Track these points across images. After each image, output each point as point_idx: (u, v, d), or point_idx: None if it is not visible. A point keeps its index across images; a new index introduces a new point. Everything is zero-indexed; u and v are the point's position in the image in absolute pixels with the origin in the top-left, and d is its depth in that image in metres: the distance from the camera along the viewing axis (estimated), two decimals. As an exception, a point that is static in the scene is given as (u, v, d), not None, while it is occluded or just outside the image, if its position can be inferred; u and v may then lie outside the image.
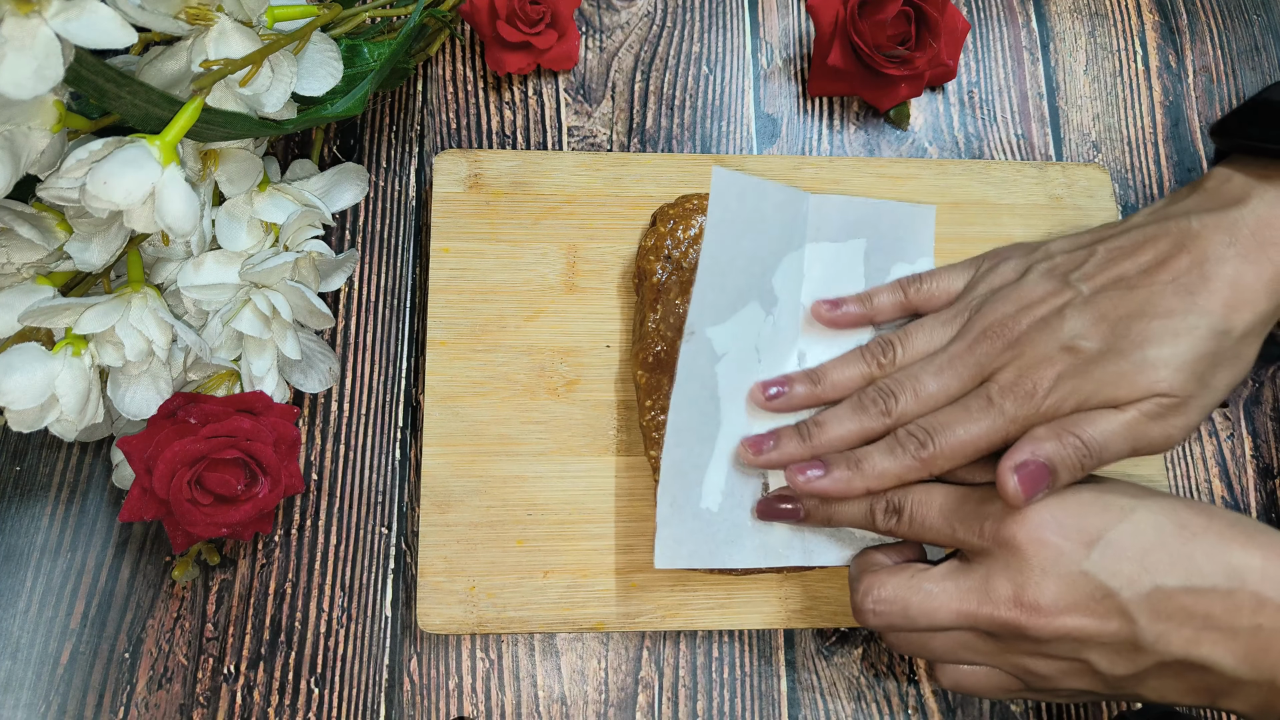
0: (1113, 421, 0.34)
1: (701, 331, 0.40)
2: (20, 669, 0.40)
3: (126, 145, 0.33)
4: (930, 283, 0.41)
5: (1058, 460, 0.34)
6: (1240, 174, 0.37)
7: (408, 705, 0.41)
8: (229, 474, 0.37)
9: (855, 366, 0.40)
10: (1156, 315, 0.34)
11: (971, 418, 0.36)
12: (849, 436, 0.38)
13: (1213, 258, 0.35)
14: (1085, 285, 0.36)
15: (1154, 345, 0.34)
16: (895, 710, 0.42)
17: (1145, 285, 0.35)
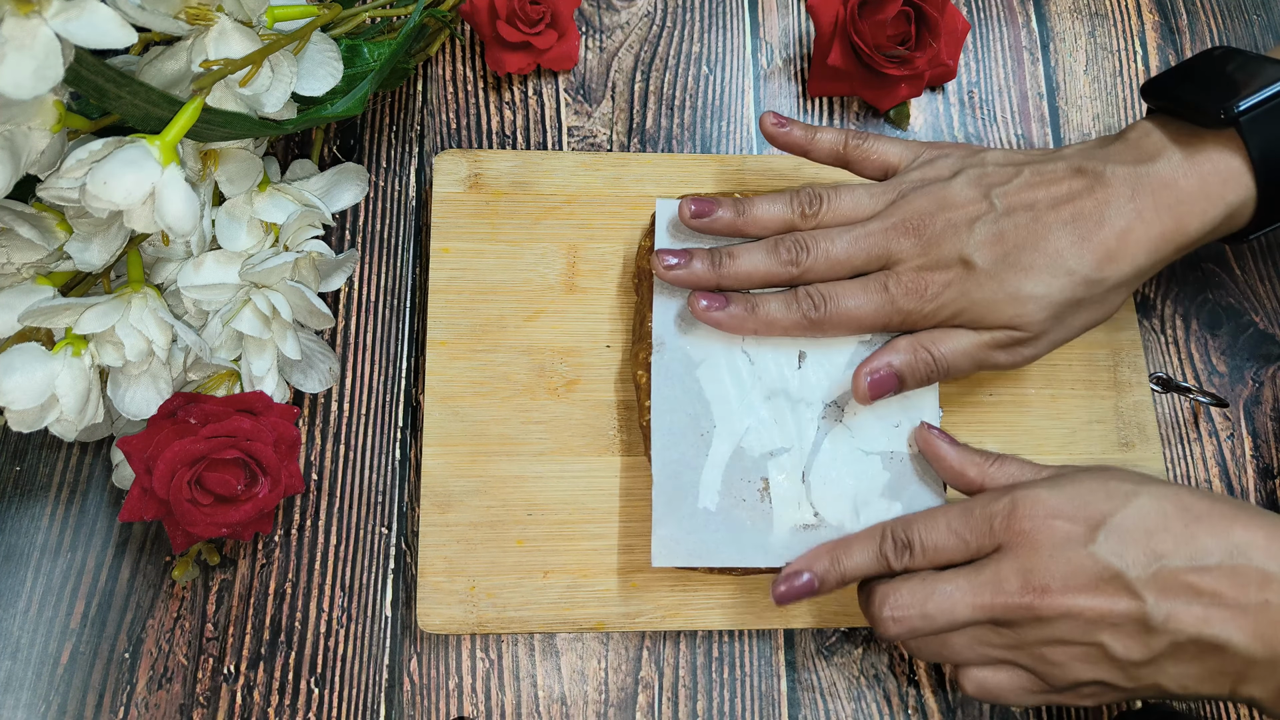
0: (965, 341, 0.39)
1: (672, 341, 0.41)
2: (20, 669, 0.40)
3: (126, 145, 0.33)
4: (871, 144, 0.42)
5: (907, 371, 0.39)
6: (1159, 131, 0.39)
7: (408, 705, 0.41)
8: (229, 474, 0.37)
9: (780, 206, 0.41)
10: (1044, 251, 0.38)
11: (866, 297, 0.39)
12: (755, 274, 0.40)
13: (1112, 208, 0.38)
14: (1000, 202, 0.39)
15: (1030, 280, 0.38)
16: (895, 710, 0.42)
17: (1046, 218, 0.38)
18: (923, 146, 0.43)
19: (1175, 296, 0.49)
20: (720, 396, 0.41)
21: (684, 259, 0.40)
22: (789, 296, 0.40)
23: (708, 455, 0.40)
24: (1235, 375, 0.48)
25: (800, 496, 0.40)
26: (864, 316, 0.39)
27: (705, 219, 0.41)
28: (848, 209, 0.41)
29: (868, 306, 0.39)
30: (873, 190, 0.41)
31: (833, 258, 0.39)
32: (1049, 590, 0.34)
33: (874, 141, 0.42)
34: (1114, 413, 0.45)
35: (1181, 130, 0.39)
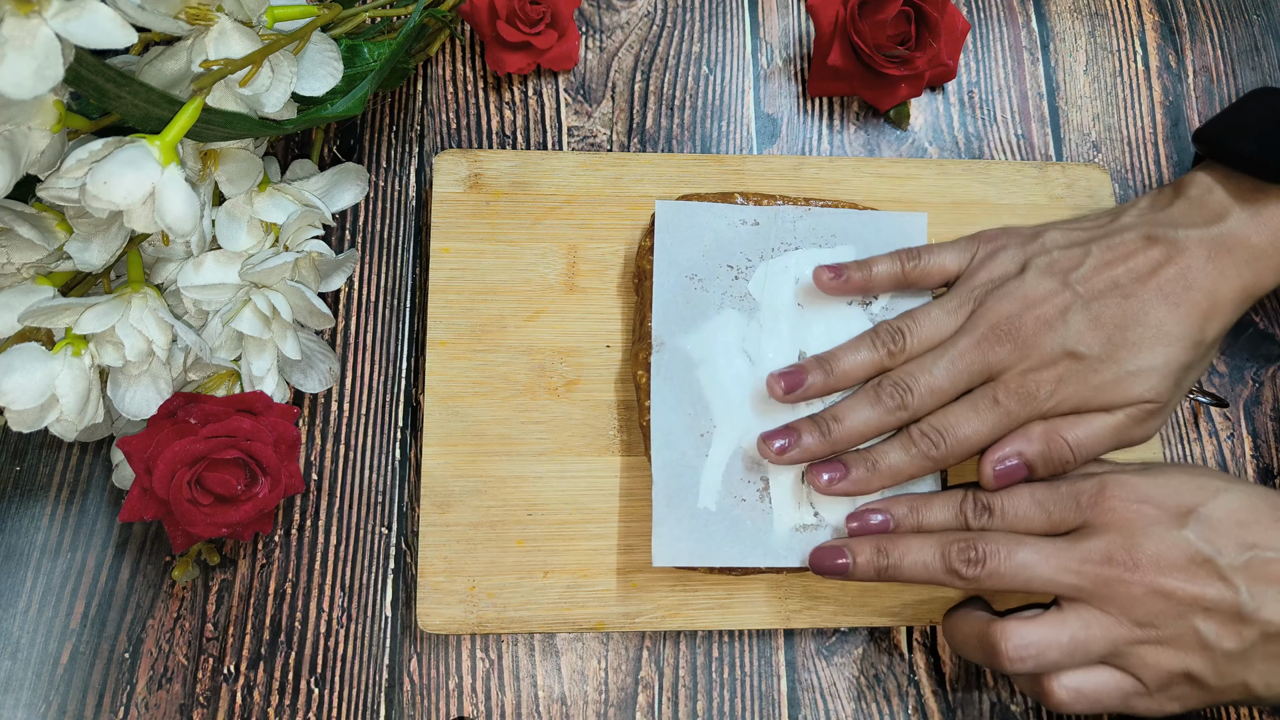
0: (1102, 425, 0.38)
1: (672, 341, 0.41)
2: (20, 669, 0.40)
3: (126, 145, 0.33)
4: (927, 258, 0.42)
5: (1040, 461, 0.38)
6: (1219, 187, 0.40)
7: (408, 705, 0.41)
8: (229, 474, 0.37)
9: (865, 353, 0.40)
10: (1147, 325, 0.38)
11: (980, 418, 0.38)
12: (866, 431, 0.39)
13: (1195, 271, 0.39)
14: (1083, 287, 0.39)
15: (1146, 354, 0.38)
16: (895, 710, 0.42)
17: (1137, 294, 0.38)
18: (974, 242, 0.42)
19: (1175, 296, 0.49)
20: (720, 396, 0.41)
21: (792, 438, 0.39)
22: (905, 440, 0.39)
23: (708, 455, 0.40)
24: (1235, 375, 0.48)
25: (800, 497, 0.40)
26: (984, 437, 0.38)
27: (798, 392, 0.40)
28: (929, 333, 0.40)
29: (985, 427, 0.38)
30: (946, 305, 0.40)
31: (936, 389, 0.39)
32: (1139, 566, 0.34)
33: (928, 255, 0.42)
34: (1114, 413, 0.45)
35: (1243, 184, 0.40)
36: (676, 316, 0.42)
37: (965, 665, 0.43)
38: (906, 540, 0.37)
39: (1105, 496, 0.36)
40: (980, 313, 0.39)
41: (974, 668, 0.43)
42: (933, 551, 0.37)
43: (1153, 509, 0.35)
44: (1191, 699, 0.35)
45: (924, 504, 0.39)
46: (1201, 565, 0.34)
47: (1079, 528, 0.36)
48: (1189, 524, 0.35)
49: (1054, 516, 0.37)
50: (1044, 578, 0.35)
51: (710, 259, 0.43)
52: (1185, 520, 0.35)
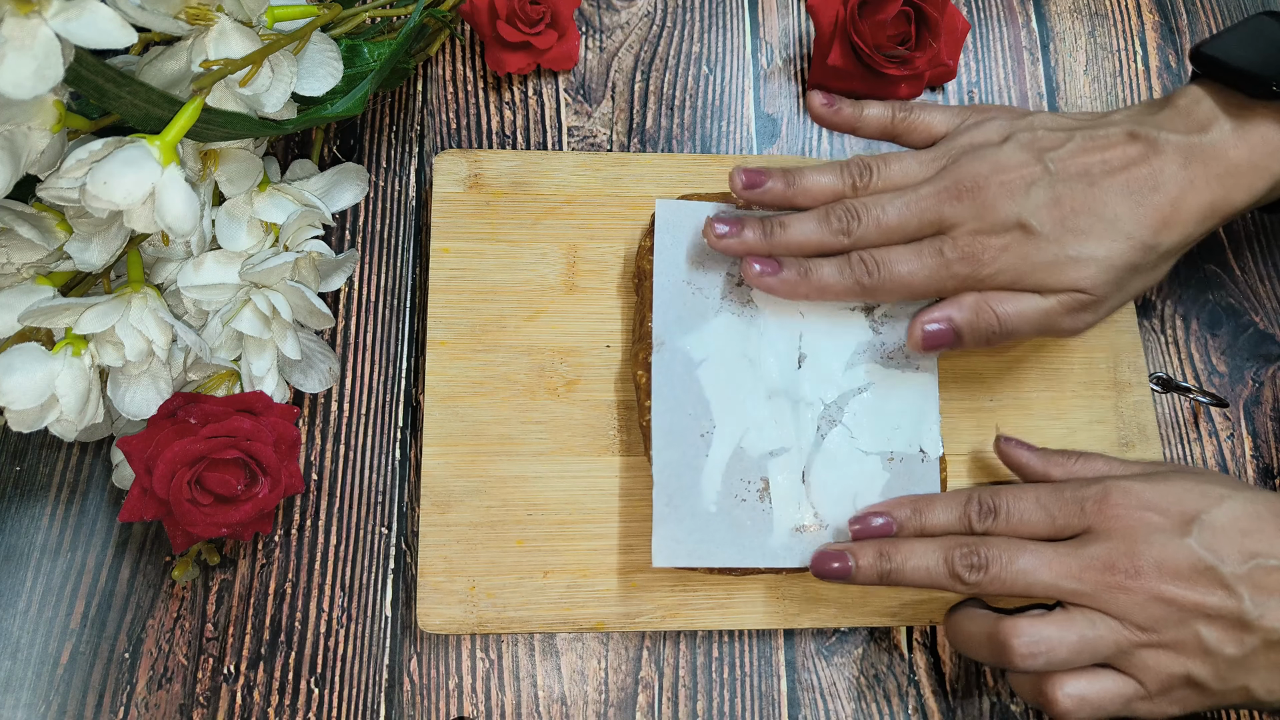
0: (1033, 306, 0.38)
1: (672, 342, 0.41)
2: (20, 669, 0.40)
3: (126, 145, 0.33)
4: (918, 114, 0.43)
5: (967, 329, 0.39)
6: (1209, 99, 0.40)
7: (408, 705, 0.41)
8: (229, 474, 0.37)
9: (830, 176, 0.41)
10: (1102, 215, 0.38)
11: (920, 261, 0.39)
12: (807, 243, 0.40)
13: (1166, 175, 0.38)
14: (1055, 166, 0.39)
15: (1091, 243, 0.38)
16: (895, 710, 0.42)
17: (1102, 183, 0.38)
18: (968, 111, 0.43)
19: (1175, 296, 0.49)
20: (720, 396, 0.41)
21: (735, 227, 0.40)
22: (842, 261, 0.39)
23: (708, 455, 0.40)
24: (1235, 375, 0.48)
25: (800, 497, 0.40)
26: (917, 282, 0.39)
27: (756, 190, 0.40)
28: (898, 176, 0.41)
29: (921, 272, 0.39)
30: (922, 157, 0.41)
31: (885, 224, 0.39)
32: (1141, 573, 0.34)
33: (920, 112, 0.43)
34: (1114, 413, 0.45)
35: (1232, 100, 0.39)
36: (676, 316, 0.42)
37: (965, 665, 0.43)
38: (909, 544, 0.37)
39: (1109, 503, 0.36)
40: (949, 168, 0.40)
41: (974, 668, 0.43)
42: (935, 556, 0.37)
43: (1156, 515, 0.35)
44: (1192, 702, 0.35)
45: (927, 506, 0.39)
46: (1204, 573, 0.34)
47: (1082, 532, 0.36)
48: (1192, 531, 0.35)
49: (1058, 521, 0.37)
50: (1046, 583, 0.35)
51: (710, 259, 0.43)
52: (1188, 527, 0.35)
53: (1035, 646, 0.35)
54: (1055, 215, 0.38)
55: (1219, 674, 0.34)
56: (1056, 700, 0.35)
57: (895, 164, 0.41)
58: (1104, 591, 0.35)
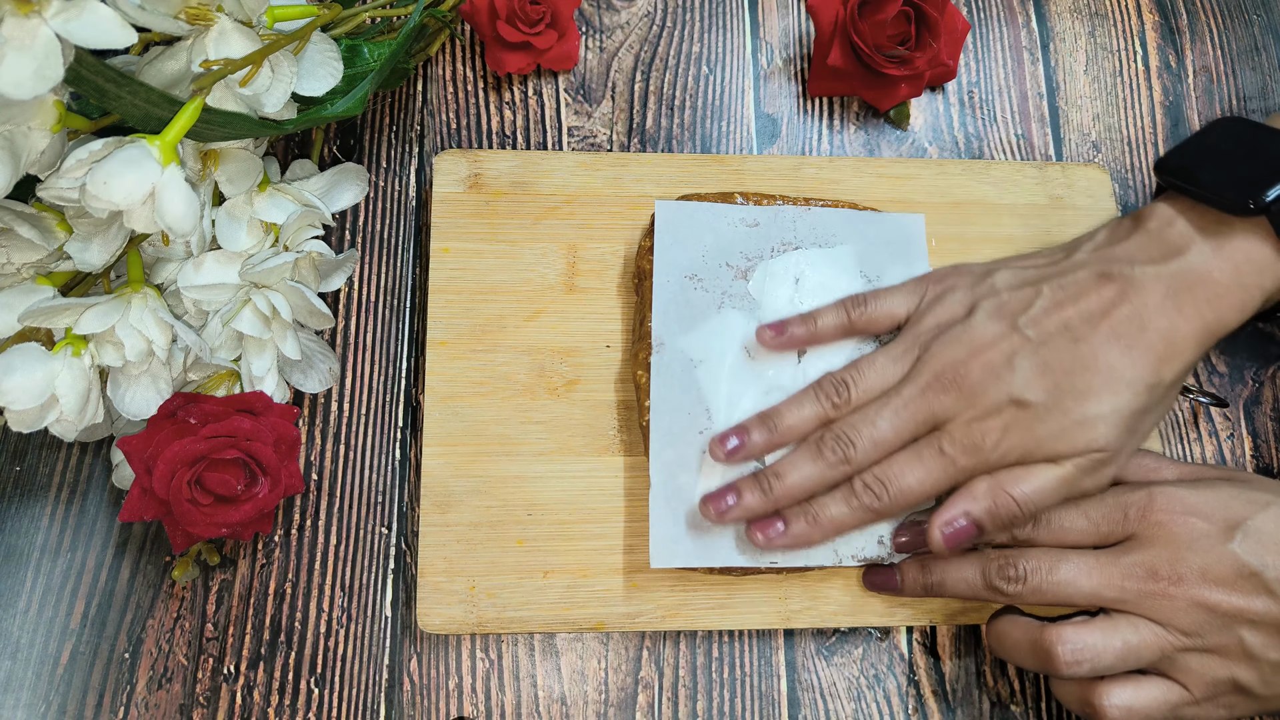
0: (1049, 478, 0.36)
1: (671, 342, 0.41)
2: (20, 669, 0.40)
3: (126, 145, 0.33)
4: (874, 304, 0.41)
5: (987, 519, 0.37)
6: (1181, 219, 0.38)
7: (408, 705, 0.41)
8: (229, 474, 0.37)
9: (810, 407, 0.39)
10: (1097, 370, 0.36)
11: (924, 467, 0.37)
12: (808, 485, 0.38)
13: (1151, 310, 0.37)
14: (1032, 330, 0.37)
15: (1094, 402, 0.36)
16: (895, 710, 0.42)
17: (1088, 337, 0.37)
18: (923, 284, 0.41)
19: (1175, 296, 0.49)
20: (719, 396, 0.41)
21: (734, 497, 0.38)
22: (846, 492, 0.38)
23: (706, 456, 0.40)
24: (1235, 375, 0.48)
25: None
26: (928, 488, 0.37)
27: (742, 451, 0.39)
28: (874, 383, 0.39)
29: (929, 478, 0.37)
30: (892, 352, 0.39)
31: (879, 441, 0.37)
32: (1183, 580, 0.34)
33: (874, 300, 0.41)
34: (1114, 413, 0.45)
35: (1206, 217, 0.38)
36: (676, 317, 0.42)
37: (965, 665, 0.43)
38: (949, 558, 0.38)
39: (1153, 509, 0.36)
40: (925, 359, 0.38)
41: (974, 668, 0.43)
42: (974, 569, 0.37)
43: (1200, 521, 0.35)
44: (1240, 707, 0.35)
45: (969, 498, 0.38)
46: (1248, 579, 0.34)
47: (1126, 539, 0.36)
48: (1236, 537, 0.34)
49: (1101, 528, 0.37)
50: (1087, 592, 0.35)
51: (710, 259, 0.43)
52: (1232, 533, 0.34)
53: (1080, 654, 0.35)
54: (1048, 383, 0.36)
55: (1264, 679, 0.34)
56: (1104, 710, 0.35)
57: (868, 370, 0.39)
58: (1146, 599, 0.35)
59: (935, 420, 0.37)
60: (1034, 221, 0.48)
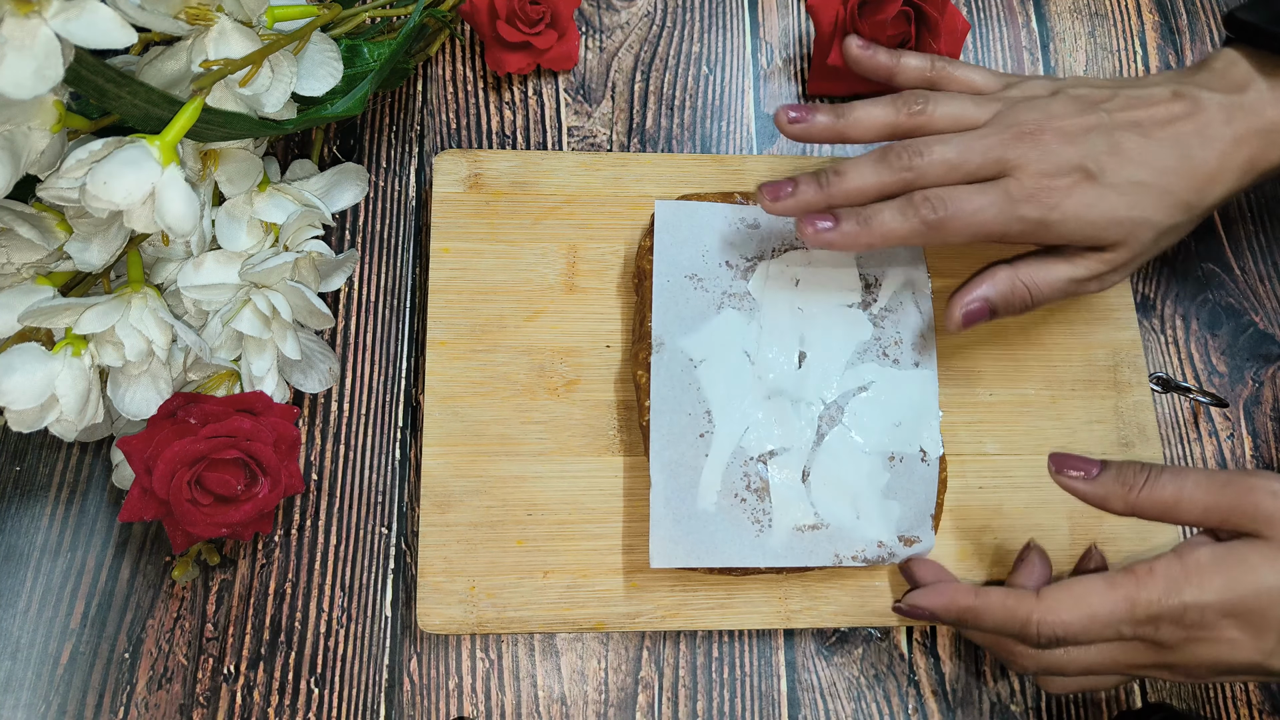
0: (1061, 275, 0.39)
1: (672, 342, 0.41)
2: (20, 669, 0.40)
3: (126, 145, 0.33)
4: (957, 69, 0.43)
5: (1001, 302, 0.40)
6: (1244, 61, 0.40)
7: (408, 705, 0.41)
8: (229, 474, 0.37)
9: (882, 108, 0.41)
10: (1156, 169, 0.38)
11: (987, 199, 0.38)
12: (867, 189, 0.39)
13: (1213, 131, 0.39)
14: (1109, 117, 0.39)
15: (1146, 201, 0.38)
16: (895, 710, 0.42)
17: (1155, 135, 0.39)
18: (1009, 75, 0.43)
19: (1175, 296, 0.49)
20: (720, 396, 0.41)
21: (789, 187, 0.39)
22: (904, 203, 0.38)
23: (707, 455, 0.40)
24: (1235, 375, 0.48)
25: (800, 496, 0.40)
26: (986, 221, 0.38)
27: (803, 124, 0.40)
28: (954, 113, 0.40)
29: (989, 210, 0.38)
30: (977, 100, 0.41)
31: (949, 161, 0.38)
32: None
33: (961, 67, 0.43)
34: (1114, 413, 0.45)
35: (1267, 62, 0.40)
36: (676, 316, 0.42)
37: (965, 665, 0.43)
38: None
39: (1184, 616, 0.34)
40: (1005, 114, 0.39)
41: (974, 668, 0.43)
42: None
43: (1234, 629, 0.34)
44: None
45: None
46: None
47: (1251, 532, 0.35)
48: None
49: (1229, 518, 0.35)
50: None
51: (710, 259, 0.43)
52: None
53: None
54: (1115, 163, 0.38)
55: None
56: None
57: (950, 102, 0.40)
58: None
59: (1005, 166, 0.38)
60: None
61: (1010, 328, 0.46)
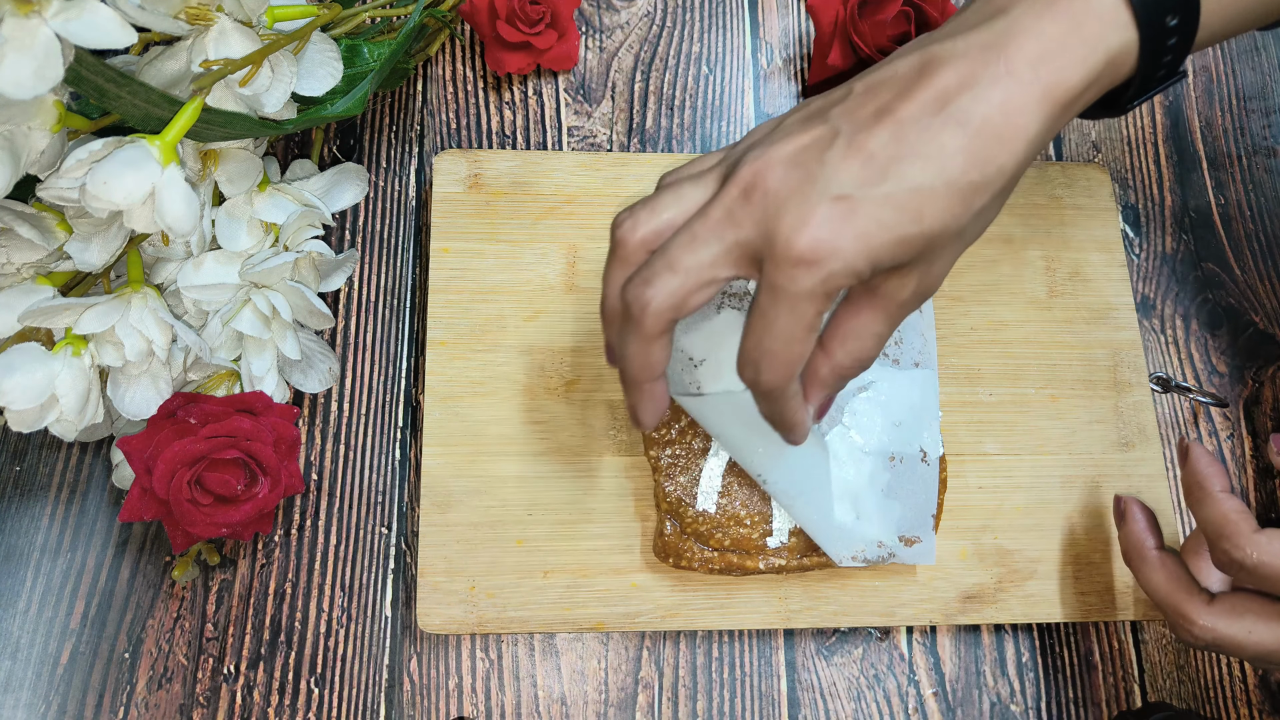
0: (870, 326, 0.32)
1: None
2: (20, 669, 0.40)
3: (126, 145, 0.33)
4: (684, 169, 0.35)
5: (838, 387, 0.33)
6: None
7: (408, 705, 0.41)
8: (229, 474, 0.37)
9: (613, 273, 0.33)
10: (928, 156, 0.30)
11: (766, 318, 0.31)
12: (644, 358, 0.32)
13: (981, 82, 0.30)
14: (844, 122, 0.31)
15: (920, 174, 0.29)
16: (895, 710, 0.42)
17: (911, 118, 0.30)
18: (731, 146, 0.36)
19: (1175, 296, 0.49)
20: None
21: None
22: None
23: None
24: (1235, 375, 0.48)
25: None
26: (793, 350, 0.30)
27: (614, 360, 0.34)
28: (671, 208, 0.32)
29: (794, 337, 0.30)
30: (694, 174, 0.33)
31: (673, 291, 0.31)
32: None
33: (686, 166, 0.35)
34: (1114, 413, 0.45)
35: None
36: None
37: (965, 665, 0.43)
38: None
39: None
40: (731, 178, 0.31)
41: (974, 668, 0.43)
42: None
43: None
44: None
45: None
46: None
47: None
48: None
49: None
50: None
51: None
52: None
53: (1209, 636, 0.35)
54: (869, 172, 0.29)
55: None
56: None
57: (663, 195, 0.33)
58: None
59: (749, 248, 0.30)
60: (1034, 221, 0.48)
61: (1010, 327, 0.46)
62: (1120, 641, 0.44)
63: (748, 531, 0.40)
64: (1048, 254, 0.47)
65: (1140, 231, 0.51)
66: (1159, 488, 0.44)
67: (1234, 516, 0.35)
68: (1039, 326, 0.46)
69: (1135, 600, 0.42)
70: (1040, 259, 0.47)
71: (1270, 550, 0.34)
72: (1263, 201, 0.52)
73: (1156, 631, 0.44)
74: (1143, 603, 0.42)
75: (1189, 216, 0.51)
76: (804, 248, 0.29)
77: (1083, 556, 0.43)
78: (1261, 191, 0.52)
